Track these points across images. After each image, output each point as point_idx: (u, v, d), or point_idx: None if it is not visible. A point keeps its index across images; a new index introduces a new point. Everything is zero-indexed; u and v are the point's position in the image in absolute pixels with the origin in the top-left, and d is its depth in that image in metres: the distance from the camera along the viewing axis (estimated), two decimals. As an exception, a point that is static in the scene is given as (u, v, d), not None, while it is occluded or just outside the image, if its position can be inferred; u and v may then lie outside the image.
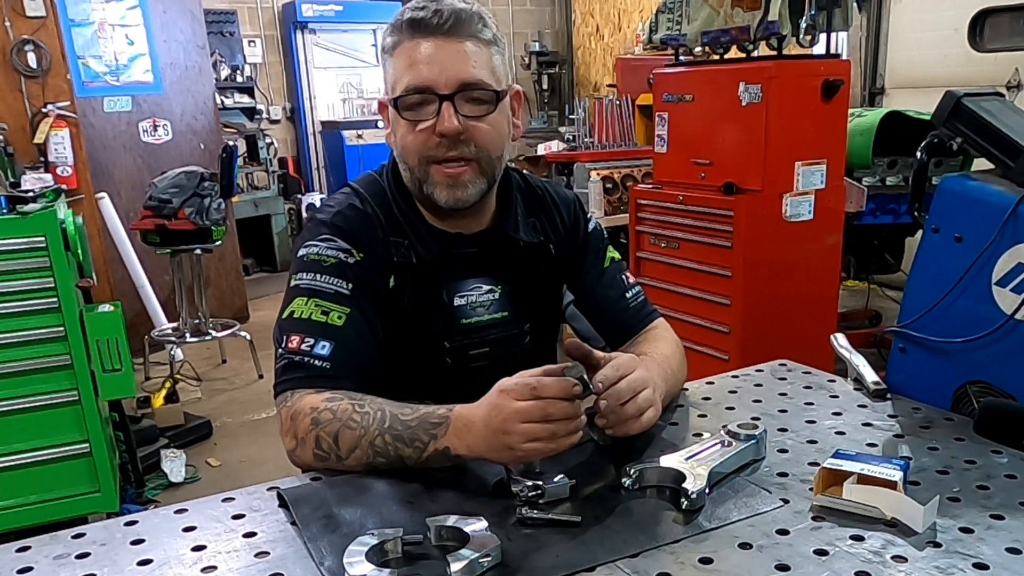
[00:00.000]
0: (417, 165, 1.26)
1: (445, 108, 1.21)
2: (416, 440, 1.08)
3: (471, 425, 1.05)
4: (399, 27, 1.23)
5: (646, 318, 1.48)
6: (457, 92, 1.21)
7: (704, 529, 0.96)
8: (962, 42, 5.07)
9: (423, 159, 1.25)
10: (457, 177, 1.25)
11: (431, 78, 1.21)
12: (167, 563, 0.93)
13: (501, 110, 1.27)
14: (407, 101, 1.23)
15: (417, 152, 1.25)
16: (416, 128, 1.24)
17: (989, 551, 0.90)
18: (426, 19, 1.20)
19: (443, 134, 1.22)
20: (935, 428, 1.26)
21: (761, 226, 3.14)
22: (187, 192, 4.15)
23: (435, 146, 1.24)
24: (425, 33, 1.21)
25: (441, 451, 1.07)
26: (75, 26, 4.74)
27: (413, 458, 1.08)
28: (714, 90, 3.26)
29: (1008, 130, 1.66)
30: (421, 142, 1.24)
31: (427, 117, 1.23)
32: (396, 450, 1.09)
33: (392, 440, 1.09)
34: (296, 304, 1.24)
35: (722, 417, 1.31)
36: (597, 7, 8.49)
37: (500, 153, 1.30)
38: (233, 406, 4.20)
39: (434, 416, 1.08)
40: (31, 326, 2.66)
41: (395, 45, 1.24)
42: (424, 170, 1.26)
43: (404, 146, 1.27)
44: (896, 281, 4.45)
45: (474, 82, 1.22)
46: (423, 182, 1.27)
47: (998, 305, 1.44)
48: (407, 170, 1.29)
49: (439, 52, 1.21)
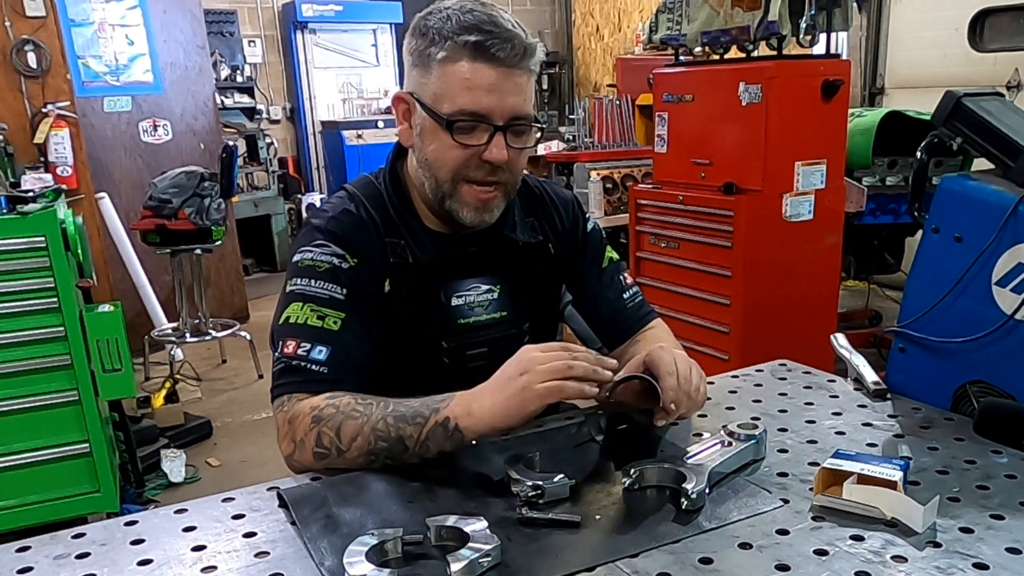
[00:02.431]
0: (448, 181, 1.26)
1: (497, 138, 1.22)
2: (418, 416, 1.10)
3: (477, 394, 1.09)
4: (460, 44, 1.18)
5: (644, 318, 1.48)
6: (509, 124, 1.22)
7: (704, 529, 0.96)
8: (962, 42, 5.07)
9: (457, 177, 1.25)
10: (488, 201, 1.27)
11: (490, 108, 1.20)
12: (167, 563, 0.93)
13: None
14: (462, 125, 1.22)
15: (453, 169, 1.25)
16: (459, 147, 1.23)
17: (989, 551, 0.90)
18: (495, 49, 1.18)
19: (490, 162, 1.23)
20: (935, 428, 1.26)
21: (761, 226, 3.14)
22: (187, 192, 4.15)
23: (475, 168, 1.24)
24: (490, 62, 1.19)
25: (441, 424, 1.08)
26: (75, 26, 4.74)
27: (414, 437, 1.09)
28: (714, 90, 3.26)
29: (1008, 130, 1.66)
30: (461, 161, 1.24)
31: (475, 141, 1.22)
32: (398, 431, 1.10)
33: (394, 421, 1.10)
34: (292, 309, 1.24)
35: (722, 417, 1.31)
36: (597, 7, 8.49)
37: (521, 174, 1.34)
38: (233, 406, 4.20)
39: (437, 396, 1.12)
40: (31, 326, 2.66)
41: (449, 60, 1.20)
42: (453, 187, 1.26)
43: (438, 159, 1.25)
44: (896, 281, 4.45)
45: (525, 115, 1.24)
46: (448, 197, 1.27)
47: (998, 305, 1.44)
48: (432, 180, 1.28)
49: (500, 82, 1.20)
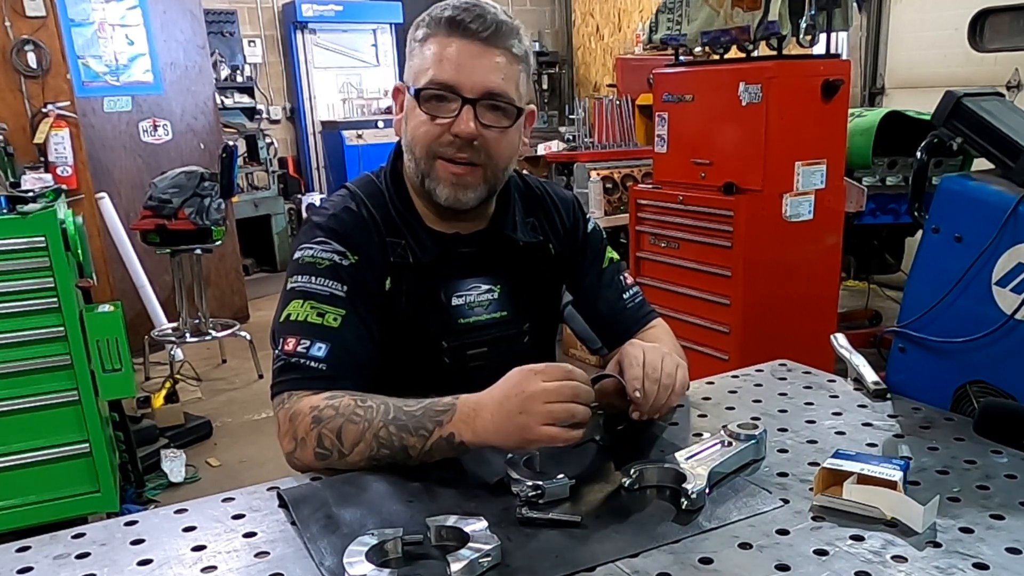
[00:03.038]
0: (424, 157, 1.27)
1: (465, 111, 1.22)
2: (421, 428, 1.09)
3: (480, 410, 1.07)
4: (437, 22, 1.23)
5: (644, 318, 1.48)
6: (481, 99, 1.22)
7: (704, 529, 0.96)
8: (962, 42, 5.07)
9: (431, 152, 1.26)
10: (461, 177, 1.26)
11: (458, 79, 1.21)
12: (167, 563, 0.93)
13: (517, 127, 1.29)
14: (428, 93, 1.23)
15: (426, 144, 1.25)
16: (431, 121, 1.24)
17: (989, 551, 0.90)
18: (467, 22, 1.21)
19: (457, 135, 1.23)
20: (935, 428, 1.26)
21: (761, 226, 3.14)
22: (187, 192, 4.15)
23: (447, 144, 1.24)
24: (463, 35, 1.21)
25: (445, 438, 1.08)
26: (75, 26, 4.74)
27: (417, 448, 1.09)
28: (714, 90, 3.26)
29: (1008, 130, 1.66)
30: (433, 136, 1.25)
31: (446, 115, 1.23)
32: (400, 440, 1.09)
33: (397, 431, 1.09)
34: (292, 307, 1.24)
35: (722, 417, 1.31)
36: (597, 7, 8.49)
37: (507, 165, 1.32)
38: (233, 406, 4.20)
39: (439, 404, 1.10)
40: (31, 326, 2.66)
41: (428, 37, 1.24)
42: (429, 164, 1.27)
43: (414, 136, 1.27)
44: (896, 281, 4.45)
45: (499, 92, 1.23)
46: (426, 176, 1.28)
47: (998, 305, 1.44)
48: (412, 160, 1.29)
49: (472, 56, 1.21)
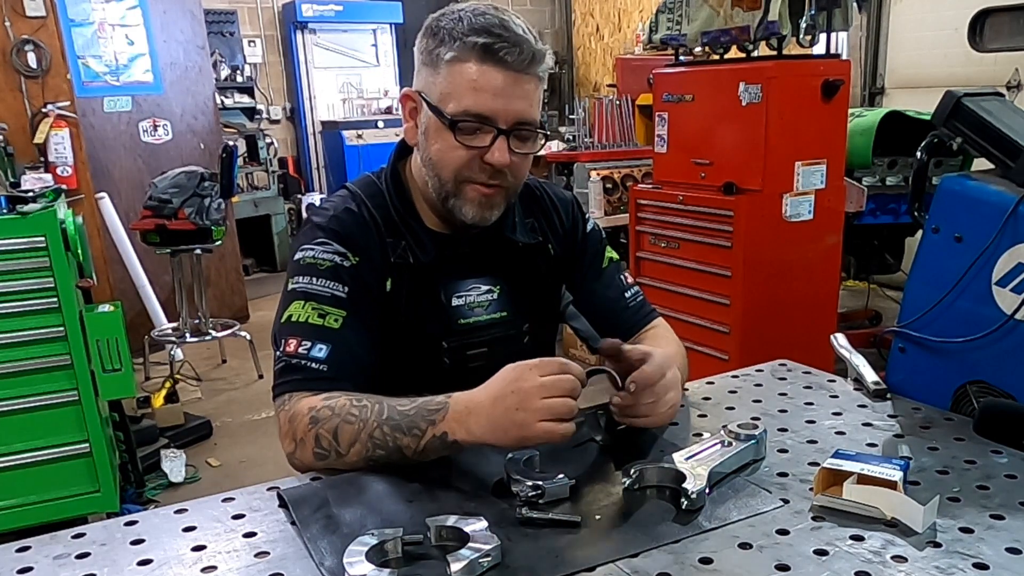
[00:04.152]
0: (451, 180, 1.26)
1: (500, 141, 1.21)
2: (414, 428, 1.09)
3: (473, 408, 1.07)
4: (470, 46, 1.18)
5: (645, 318, 1.48)
6: (512, 129, 1.22)
7: (704, 529, 0.96)
8: (962, 42, 5.07)
9: (459, 177, 1.25)
10: (491, 198, 1.27)
11: (495, 111, 1.20)
12: (167, 563, 0.93)
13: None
14: (465, 126, 1.21)
15: (455, 170, 1.25)
16: (462, 147, 1.23)
17: (989, 551, 0.90)
18: (503, 52, 1.18)
19: (492, 165, 1.23)
20: (935, 428, 1.26)
21: (761, 226, 3.14)
22: (187, 192, 4.15)
23: (477, 170, 1.24)
24: (497, 64, 1.18)
25: (439, 437, 1.08)
26: (75, 26, 4.73)
27: (411, 448, 1.09)
28: (714, 90, 3.26)
29: (1008, 130, 1.66)
30: (463, 162, 1.24)
31: (478, 143, 1.22)
32: (395, 440, 1.09)
33: (391, 431, 1.09)
34: (293, 308, 1.24)
35: (722, 417, 1.31)
36: (597, 7, 8.49)
37: (524, 180, 1.34)
38: (233, 406, 4.20)
39: (432, 403, 1.10)
40: (31, 326, 2.66)
41: (457, 60, 1.20)
42: (457, 186, 1.26)
43: (442, 159, 1.25)
44: (896, 281, 4.45)
45: (530, 121, 1.23)
46: (452, 196, 1.27)
47: (998, 305, 1.45)
48: (435, 180, 1.28)
49: (508, 87, 1.20)
